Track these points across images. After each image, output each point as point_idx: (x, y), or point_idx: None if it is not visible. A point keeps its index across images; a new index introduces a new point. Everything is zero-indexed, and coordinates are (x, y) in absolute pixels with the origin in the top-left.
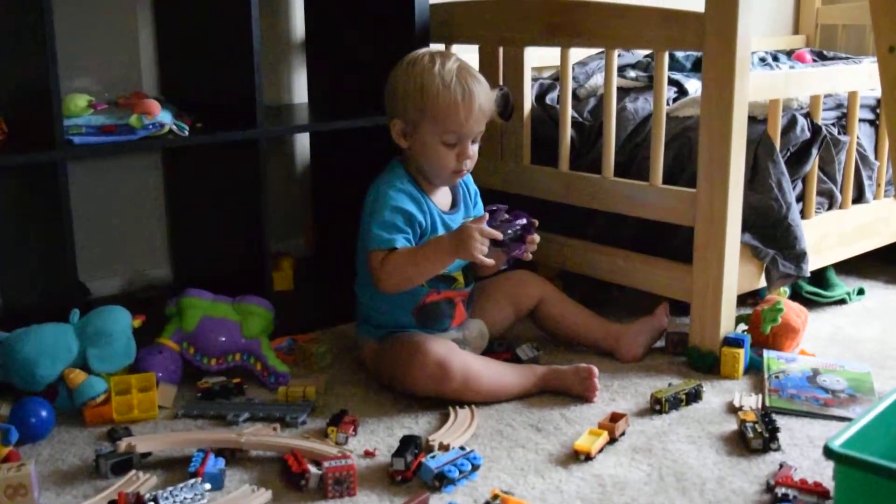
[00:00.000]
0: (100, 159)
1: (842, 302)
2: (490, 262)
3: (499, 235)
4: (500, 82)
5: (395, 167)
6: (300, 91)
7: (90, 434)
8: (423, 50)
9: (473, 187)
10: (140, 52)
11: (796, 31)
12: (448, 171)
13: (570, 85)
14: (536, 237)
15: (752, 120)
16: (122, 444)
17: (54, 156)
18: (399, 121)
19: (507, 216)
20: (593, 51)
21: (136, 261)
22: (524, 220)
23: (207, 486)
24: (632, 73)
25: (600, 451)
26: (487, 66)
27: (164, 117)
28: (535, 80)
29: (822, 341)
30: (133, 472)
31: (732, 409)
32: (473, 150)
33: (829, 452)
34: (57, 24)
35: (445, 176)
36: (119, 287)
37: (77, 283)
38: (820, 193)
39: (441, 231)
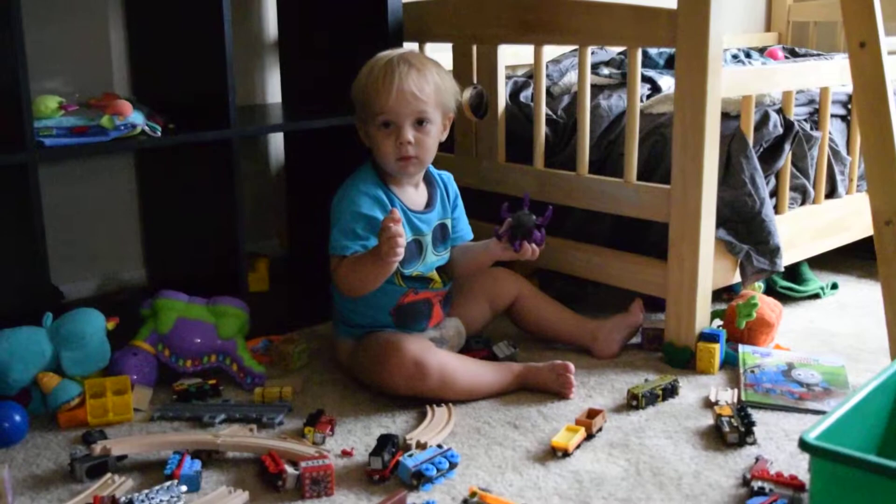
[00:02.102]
0: (71, 161)
1: (816, 296)
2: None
3: (402, 233)
4: (475, 81)
5: (365, 168)
6: (274, 91)
7: (65, 438)
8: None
9: (454, 189)
10: (111, 52)
11: (768, 29)
12: (392, 158)
13: (544, 82)
14: (534, 246)
15: (725, 116)
16: (97, 448)
17: (25, 158)
18: (357, 121)
19: (525, 210)
20: (567, 48)
21: (109, 263)
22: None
23: (184, 488)
24: (605, 71)
25: (577, 447)
26: (461, 65)
27: (137, 118)
28: (508, 78)
29: (797, 336)
30: (108, 475)
31: (708, 404)
32: (413, 135)
33: (804, 445)
34: (26, 25)
35: (392, 165)
36: (93, 290)
37: (50, 286)
38: (793, 189)
39: (409, 231)
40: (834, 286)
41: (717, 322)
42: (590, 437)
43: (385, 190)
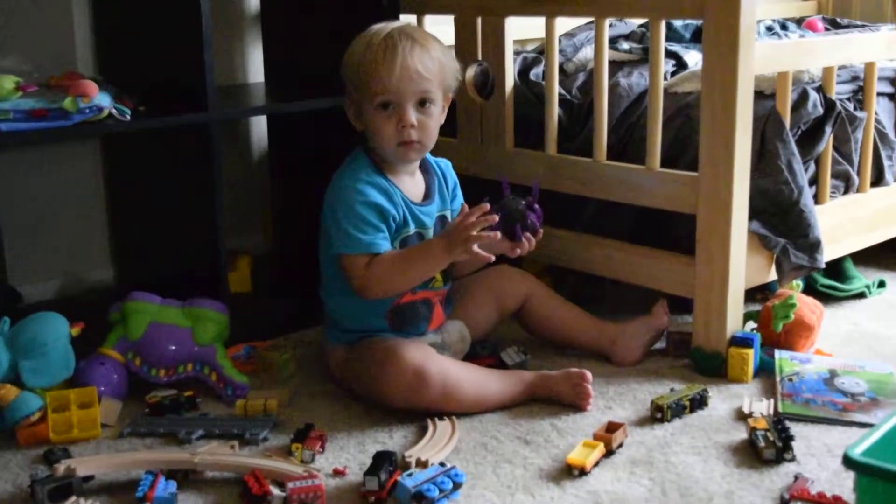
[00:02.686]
0: (31, 148)
1: (861, 296)
2: (488, 256)
3: (494, 220)
4: (479, 57)
5: (359, 156)
6: (256, 70)
7: (24, 457)
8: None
9: (452, 178)
10: (74, 26)
11: None
12: (392, 143)
13: (557, 59)
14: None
15: (759, 95)
16: (61, 468)
17: None
18: (348, 100)
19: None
20: (582, 21)
21: (73, 262)
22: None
23: None
24: (625, 45)
25: (596, 464)
26: (464, 39)
27: (103, 100)
28: (517, 53)
29: (840, 339)
30: (73, 498)
31: (742, 416)
32: (416, 117)
33: (848, 462)
34: None
35: (393, 151)
36: (55, 291)
37: (7, 287)
38: (835, 176)
39: (412, 224)
40: (881, 284)
41: (751, 325)
42: (609, 453)
43: (385, 179)
